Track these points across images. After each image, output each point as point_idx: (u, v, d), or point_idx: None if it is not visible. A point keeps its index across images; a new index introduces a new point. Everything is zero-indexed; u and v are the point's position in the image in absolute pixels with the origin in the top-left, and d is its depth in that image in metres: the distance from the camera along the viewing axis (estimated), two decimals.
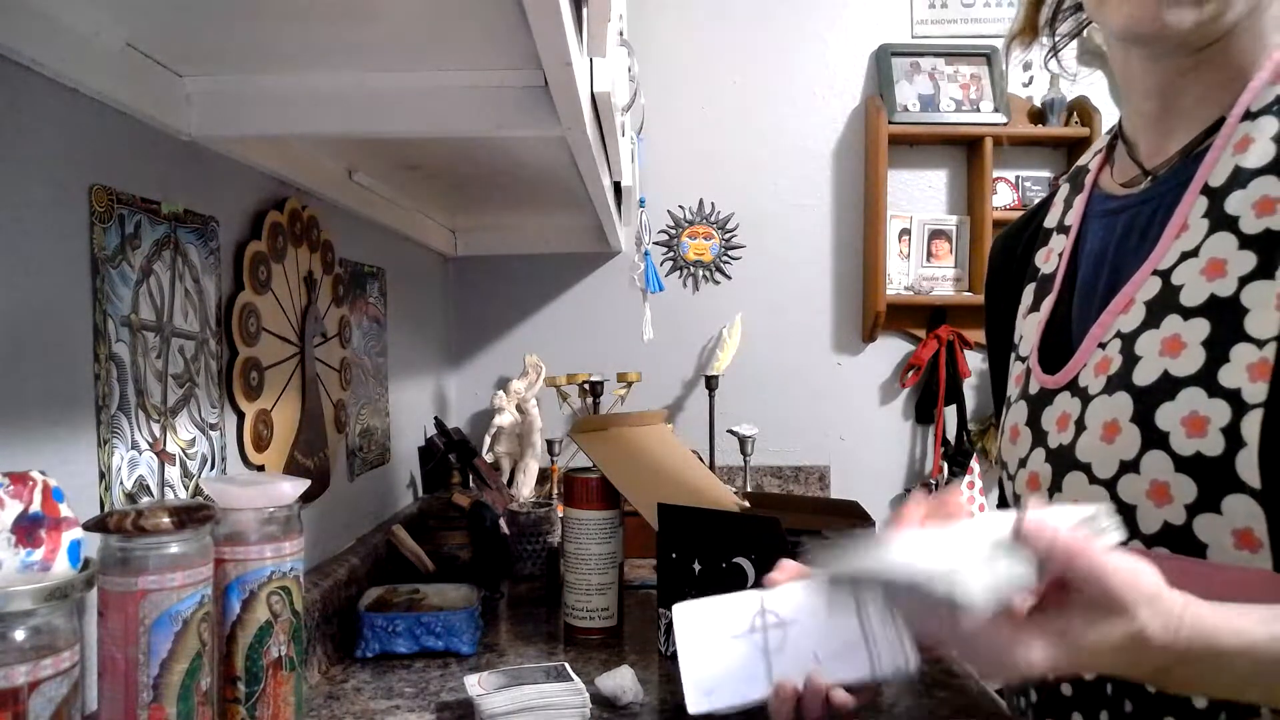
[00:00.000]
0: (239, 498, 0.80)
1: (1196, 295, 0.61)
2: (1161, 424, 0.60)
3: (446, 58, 0.88)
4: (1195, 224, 0.63)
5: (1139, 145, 0.72)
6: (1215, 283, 0.60)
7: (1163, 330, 0.62)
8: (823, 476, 2.27)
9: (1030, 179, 2.26)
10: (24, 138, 0.71)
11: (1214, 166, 0.63)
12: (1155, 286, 0.64)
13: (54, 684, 0.57)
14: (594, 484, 1.25)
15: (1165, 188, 0.67)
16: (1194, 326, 0.60)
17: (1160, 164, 0.69)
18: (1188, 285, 0.62)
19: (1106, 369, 0.65)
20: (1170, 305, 0.62)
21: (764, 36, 2.26)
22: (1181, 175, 0.66)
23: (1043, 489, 0.70)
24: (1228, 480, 0.57)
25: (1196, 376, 0.59)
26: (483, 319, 2.29)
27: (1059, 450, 0.68)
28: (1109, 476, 0.63)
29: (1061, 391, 0.69)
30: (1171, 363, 0.61)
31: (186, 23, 0.77)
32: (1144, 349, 0.63)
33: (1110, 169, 0.75)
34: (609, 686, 1.01)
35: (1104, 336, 0.67)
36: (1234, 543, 0.58)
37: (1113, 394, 0.64)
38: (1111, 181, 0.75)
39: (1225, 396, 0.57)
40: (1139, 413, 0.62)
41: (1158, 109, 0.70)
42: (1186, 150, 0.67)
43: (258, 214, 1.10)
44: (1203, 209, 0.63)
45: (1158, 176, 0.69)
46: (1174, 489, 0.60)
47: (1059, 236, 0.77)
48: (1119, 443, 0.63)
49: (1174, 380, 0.60)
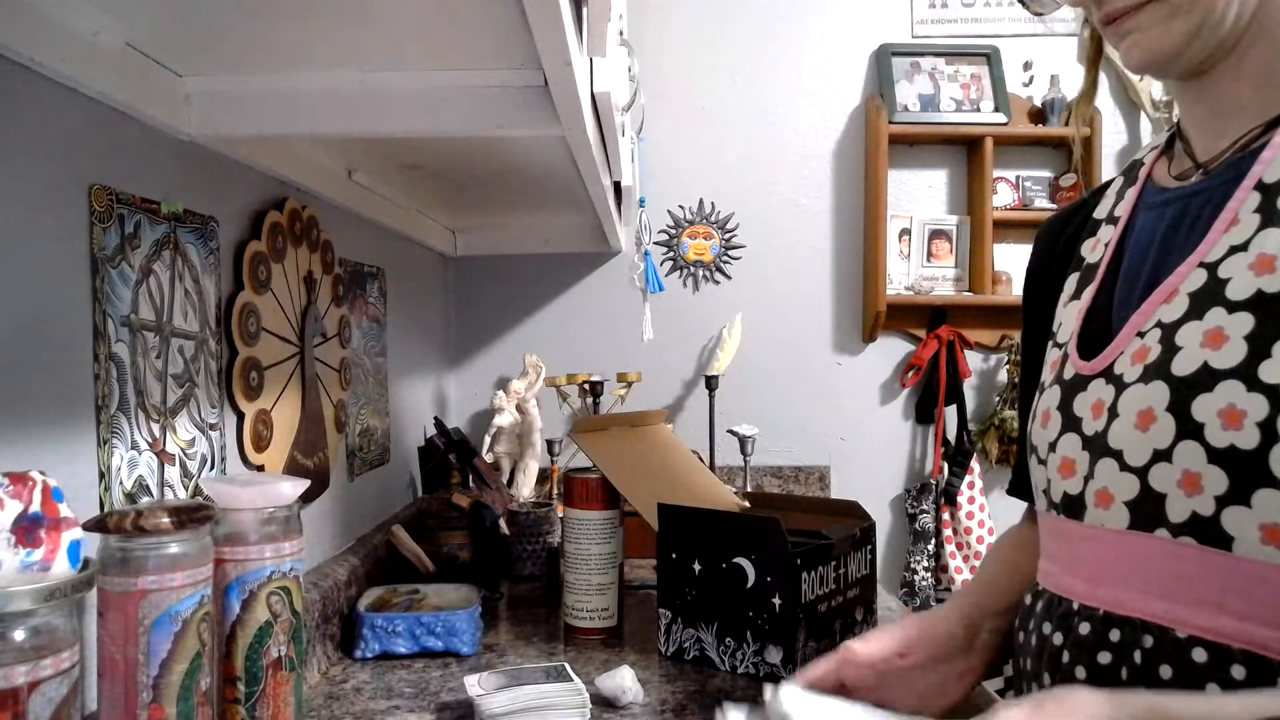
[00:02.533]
0: (239, 498, 0.80)
1: (1243, 289, 0.61)
2: (1198, 415, 0.60)
3: (446, 58, 0.88)
4: (1246, 219, 0.63)
5: (1193, 141, 0.72)
6: (1263, 278, 0.60)
7: (1205, 322, 0.62)
8: (823, 476, 2.27)
9: (1030, 179, 2.26)
10: (24, 138, 0.71)
11: (1270, 163, 0.63)
12: (1201, 278, 0.64)
13: (53, 684, 0.57)
14: (594, 484, 1.25)
15: (1217, 181, 0.67)
16: (1238, 320, 0.60)
17: (1213, 158, 0.69)
18: (1235, 279, 0.62)
19: (1144, 357, 0.65)
20: (1215, 298, 0.62)
21: (764, 36, 2.26)
22: (1235, 170, 0.66)
23: (1078, 475, 0.70)
24: (1260, 474, 0.57)
25: (1236, 370, 0.59)
26: (483, 319, 2.29)
27: (1092, 437, 0.68)
28: (1141, 464, 0.64)
29: (1096, 378, 0.70)
30: (1212, 354, 0.61)
31: (186, 23, 0.77)
32: (1185, 339, 0.63)
33: (1169, 163, 0.75)
34: (609, 686, 1.01)
35: (1144, 325, 0.67)
36: (1261, 537, 0.58)
37: (1149, 383, 0.64)
38: (1165, 175, 0.75)
39: (1264, 391, 0.57)
40: (1175, 402, 0.62)
41: (1206, 112, 0.70)
42: (1242, 145, 0.67)
43: (257, 214, 1.10)
44: (1254, 204, 0.63)
45: (1210, 170, 0.69)
46: (1205, 480, 0.60)
47: (1108, 227, 0.77)
48: (1153, 431, 0.63)
49: (1213, 372, 0.60)
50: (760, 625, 1.10)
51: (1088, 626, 0.67)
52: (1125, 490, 0.65)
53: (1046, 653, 0.71)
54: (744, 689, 1.07)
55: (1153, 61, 0.67)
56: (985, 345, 2.28)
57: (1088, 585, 0.68)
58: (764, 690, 0.70)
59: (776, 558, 1.09)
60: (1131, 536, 0.64)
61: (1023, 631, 0.76)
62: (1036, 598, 0.75)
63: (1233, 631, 0.59)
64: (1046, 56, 2.27)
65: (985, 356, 2.30)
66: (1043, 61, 2.27)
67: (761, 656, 1.10)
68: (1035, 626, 0.73)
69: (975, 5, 2.28)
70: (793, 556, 1.08)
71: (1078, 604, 0.69)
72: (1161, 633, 0.62)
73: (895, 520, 2.31)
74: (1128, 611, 0.65)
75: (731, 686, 1.08)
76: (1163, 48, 0.65)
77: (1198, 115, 0.71)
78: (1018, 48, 2.27)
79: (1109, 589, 0.66)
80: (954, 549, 2.21)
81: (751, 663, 1.11)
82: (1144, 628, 0.63)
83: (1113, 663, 0.65)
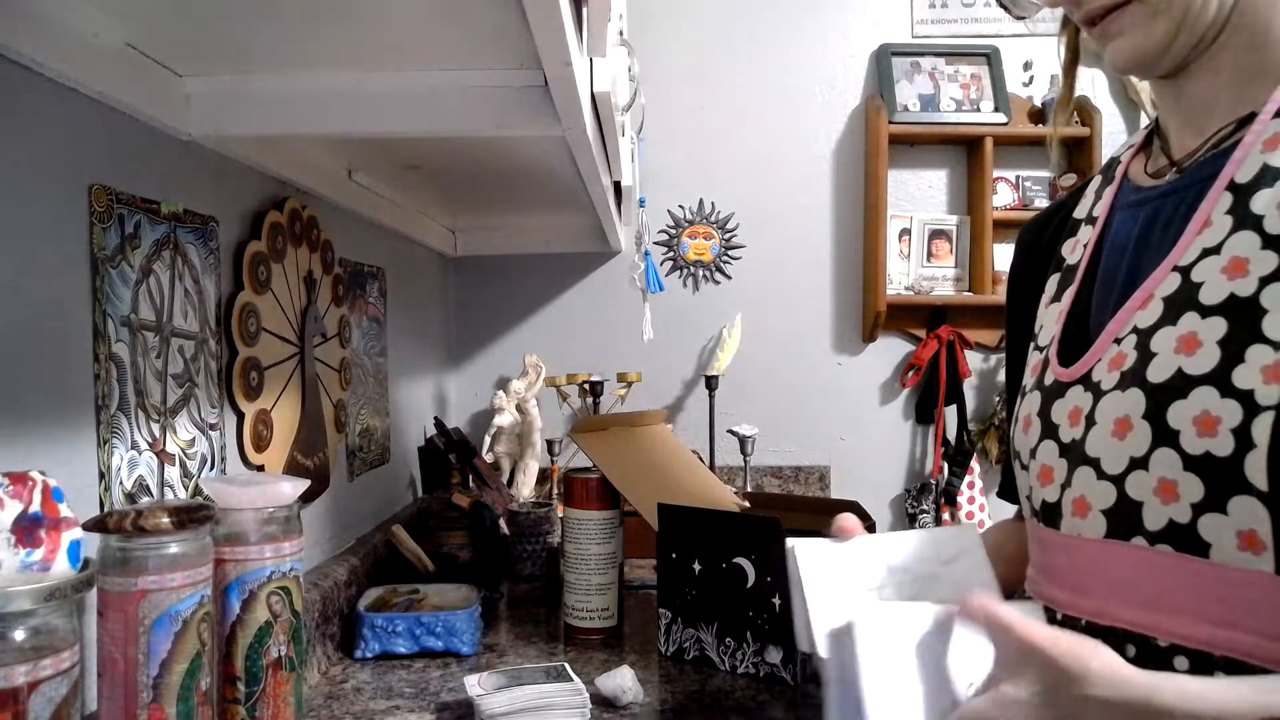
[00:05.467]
0: (239, 498, 0.80)
1: (1216, 293, 0.61)
2: (1173, 422, 0.60)
3: (447, 58, 0.88)
4: (1219, 220, 0.63)
5: (1171, 138, 0.72)
6: (1235, 282, 0.60)
7: (1179, 328, 0.62)
8: (823, 476, 2.27)
9: (1030, 179, 2.26)
10: (24, 138, 0.71)
11: (1242, 163, 0.63)
12: (1175, 283, 0.64)
13: (54, 684, 0.57)
14: (594, 484, 1.25)
15: (1191, 181, 0.67)
16: (1211, 325, 0.60)
17: (1187, 155, 0.69)
18: (1207, 283, 0.61)
19: (1121, 364, 0.65)
20: (1189, 302, 0.62)
21: (764, 36, 2.26)
22: (1208, 170, 0.66)
23: (1055, 483, 0.70)
24: (1236, 481, 0.57)
25: (1210, 376, 0.59)
26: (483, 319, 2.29)
27: (1070, 445, 0.68)
28: (1118, 472, 0.63)
29: (1074, 385, 0.69)
30: (1186, 360, 0.61)
31: (186, 23, 0.77)
32: (1159, 346, 0.63)
33: (1145, 160, 0.75)
34: (609, 686, 1.01)
35: (1120, 332, 0.67)
36: (1238, 544, 0.58)
37: (1126, 390, 0.64)
38: (1140, 173, 0.74)
39: (1238, 397, 0.57)
40: (1151, 410, 0.62)
41: (1185, 109, 0.70)
42: (1215, 144, 0.67)
43: (257, 214, 1.10)
44: (1227, 205, 0.63)
45: (1184, 169, 0.69)
46: (1181, 487, 0.60)
47: (1086, 228, 0.77)
48: (1130, 439, 0.63)
49: (1187, 378, 0.60)
50: (760, 625, 1.10)
51: None
52: (1102, 499, 0.65)
53: None
54: (744, 689, 1.07)
55: (1136, 62, 0.67)
56: (985, 345, 2.28)
57: (1069, 595, 0.68)
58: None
59: (776, 558, 1.09)
60: (1109, 545, 0.65)
61: None
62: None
63: (1213, 638, 0.59)
64: (1046, 56, 2.27)
65: (985, 356, 2.29)
66: (1043, 61, 2.27)
67: (761, 656, 1.10)
68: None
69: (975, 5, 2.28)
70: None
71: (1061, 614, 0.69)
72: (1144, 641, 0.62)
73: (895, 520, 2.31)
74: (1109, 621, 0.65)
75: (731, 686, 1.08)
76: (1146, 48, 0.65)
77: (1176, 112, 0.71)
78: (1018, 48, 2.27)
79: (1090, 599, 0.66)
80: None
81: (751, 663, 1.11)
82: (1126, 636, 0.63)
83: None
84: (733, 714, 1.01)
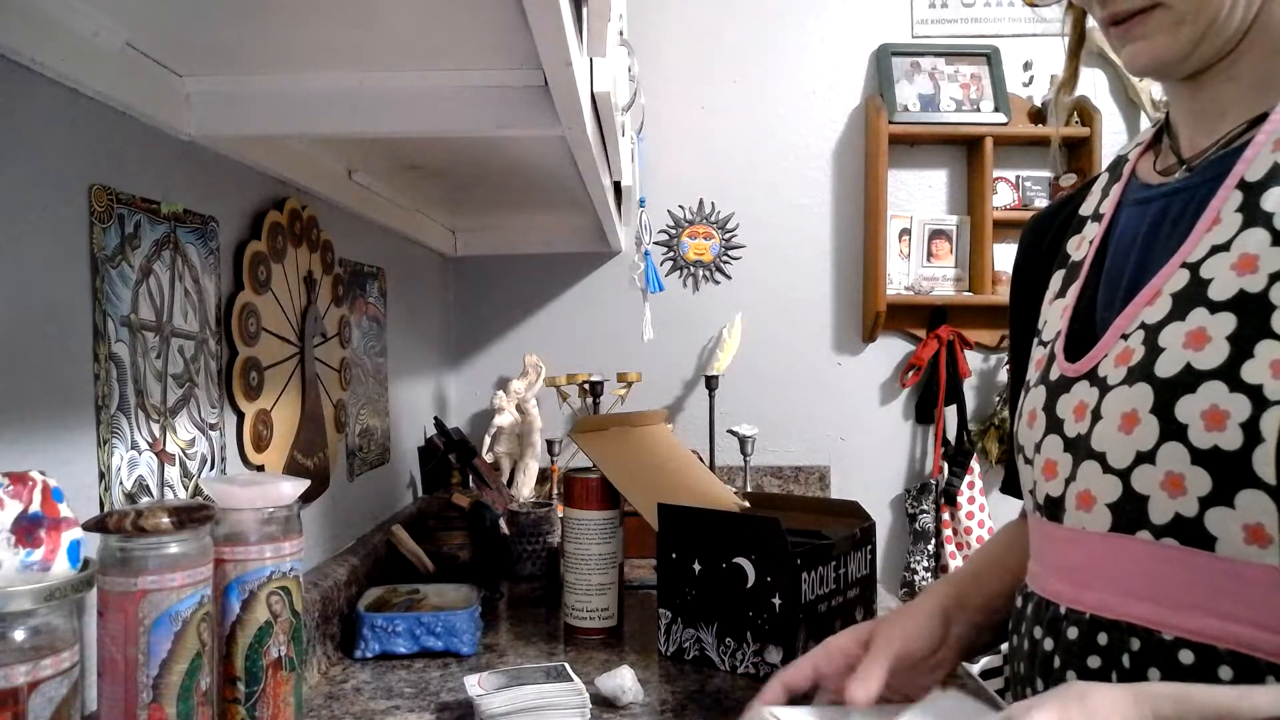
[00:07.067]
0: (239, 498, 0.80)
1: (1225, 290, 0.61)
2: (1181, 416, 0.60)
3: (447, 58, 0.88)
4: (1228, 218, 0.63)
5: (1181, 138, 0.72)
6: (1245, 278, 0.60)
7: (1188, 323, 0.62)
8: (823, 476, 2.27)
9: (1030, 179, 2.26)
10: (24, 138, 0.71)
11: (1252, 162, 0.63)
12: (1183, 279, 0.64)
13: (53, 684, 0.57)
14: (594, 484, 1.25)
15: (1200, 179, 0.67)
16: (1220, 320, 0.60)
17: (1197, 154, 0.69)
18: (1217, 279, 0.62)
19: (1128, 360, 0.65)
20: (1197, 298, 0.62)
21: (764, 36, 2.26)
22: (1218, 168, 0.66)
23: (1059, 477, 0.70)
24: (1243, 475, 0.57)
25: (1219, 370, 0.59)
26: (483, 319, 2.29)
27: (1075, 439, 0.68)
28: (1124, 467, 0.64)
29: (1080, 380, 0.70)
30: (1195, 356, 0.61)
31: (186, 23, 0.77)
32: (1168, 341, 0.63)
33: (1154, 158, 0.75)
34: (609, 687, 1.01)
35: (1128, 328, 0.67)
36: (1244, 537, 0.58)
37: (1133, 385, 0.64)
38: (1149, 170, 0.75)
39: (1246, 392, 0.57)
40: (1159, 404, 0.62)
41: (1198, 111, 0.70)
42: (1225, 143, 0.67)
43: (257, 214, 1.10)
44: (1237, 203, 0.63)
45: (1194, 167, 0.69)
46: (1189, 481, 0.60)
47: (1092, 224, 0.77)
48: (1137, 433, 0.63)
49: (1196, 373, 0.60)
50: (760, 625, 1.10)
51: (1075, 631, 0.67)
52: (1107, 492, 0.65)
53: (1038, 658, 0.71)
54: (744, 689, 1.07)
55: (1155, 67, 0.67)
56: (985, 345, 2.28)
57: (1073, 589, 0.68)
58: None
59: (776, 558, 1.09)
60: (1113, 539, 0.65)
61: (1015, 635, 0.76)
62: (1026, 600, 0.75)
63: (1218, 632, 0.59)
64: (1046, 56, 2.27)
65: (985, 356, 2.30)
66: (1043, 61, 2.27)
67: (761, 656, 1.10)
68: (1026, 631, 0.73)
69: (975, 5, 2.28)
70: (793, 556, 1.08)
71: (1064, 608, 0.69)
72: (1148, 635, 0.62)
73: (895, 520, 2.31)
74: (1114, 615, 0.65)
75: (731, 686, 1.08)
76: (1168, 54, 0.65)
77: (1189, 113, 0.71)
78: (1018, 48, 2.27)
79: (1094, 593, 0.66)
80: (954, 549, 2.21)
81: (751, 663, 1.11)
82: (1130, 630, 0.63)
83: (1102, 666, 0.65)
84: (733, 714, 1.01)
